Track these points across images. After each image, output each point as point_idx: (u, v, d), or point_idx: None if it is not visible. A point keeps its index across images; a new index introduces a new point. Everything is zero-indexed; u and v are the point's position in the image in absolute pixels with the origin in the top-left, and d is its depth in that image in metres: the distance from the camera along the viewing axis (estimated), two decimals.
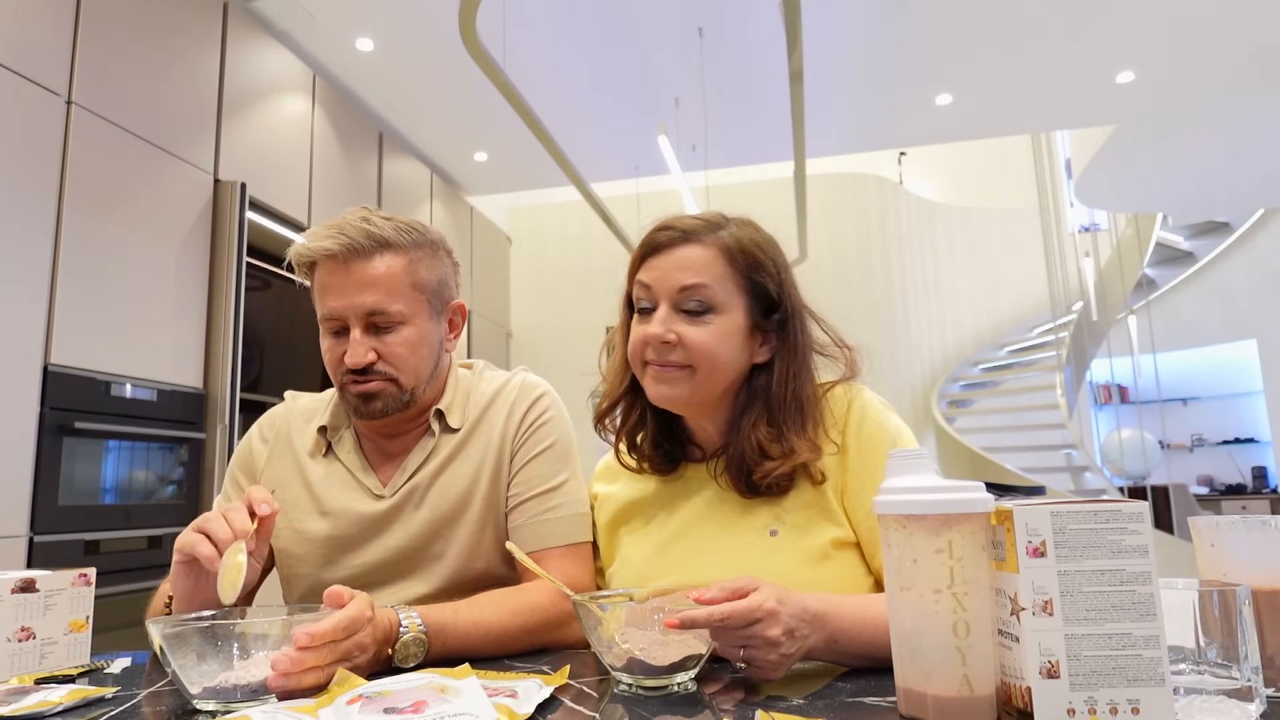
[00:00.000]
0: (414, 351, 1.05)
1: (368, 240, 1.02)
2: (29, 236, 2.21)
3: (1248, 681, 0.59)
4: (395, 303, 1.02)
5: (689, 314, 0.93)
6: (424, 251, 1.07)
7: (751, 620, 0.70)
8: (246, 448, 1.16)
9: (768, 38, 3.73)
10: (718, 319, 0.93)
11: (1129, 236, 7.47)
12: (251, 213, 2.96)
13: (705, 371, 0.93)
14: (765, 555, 0.92)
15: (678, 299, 0.93)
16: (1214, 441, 8.58)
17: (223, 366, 2.77)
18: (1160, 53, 4.08)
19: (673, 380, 0.94)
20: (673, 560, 0.98)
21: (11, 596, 0.85)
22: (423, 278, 1.06)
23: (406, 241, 1.05)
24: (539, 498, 1.07)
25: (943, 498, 0.61)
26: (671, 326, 0.93)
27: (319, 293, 1.05)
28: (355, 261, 1.02)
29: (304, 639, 0.70)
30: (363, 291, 1.01)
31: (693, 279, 0.92)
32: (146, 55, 2.66)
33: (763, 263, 0.96)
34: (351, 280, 1.02)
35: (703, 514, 0.99)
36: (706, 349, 0.92)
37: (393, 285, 1.03)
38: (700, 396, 0.96)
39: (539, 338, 6.40)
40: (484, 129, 4.59)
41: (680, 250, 0.94)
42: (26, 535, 2.14)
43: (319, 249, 1.01)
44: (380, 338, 1.03)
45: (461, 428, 1.10)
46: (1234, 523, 0.71)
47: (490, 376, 1.17)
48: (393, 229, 1.04)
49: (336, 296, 1.02)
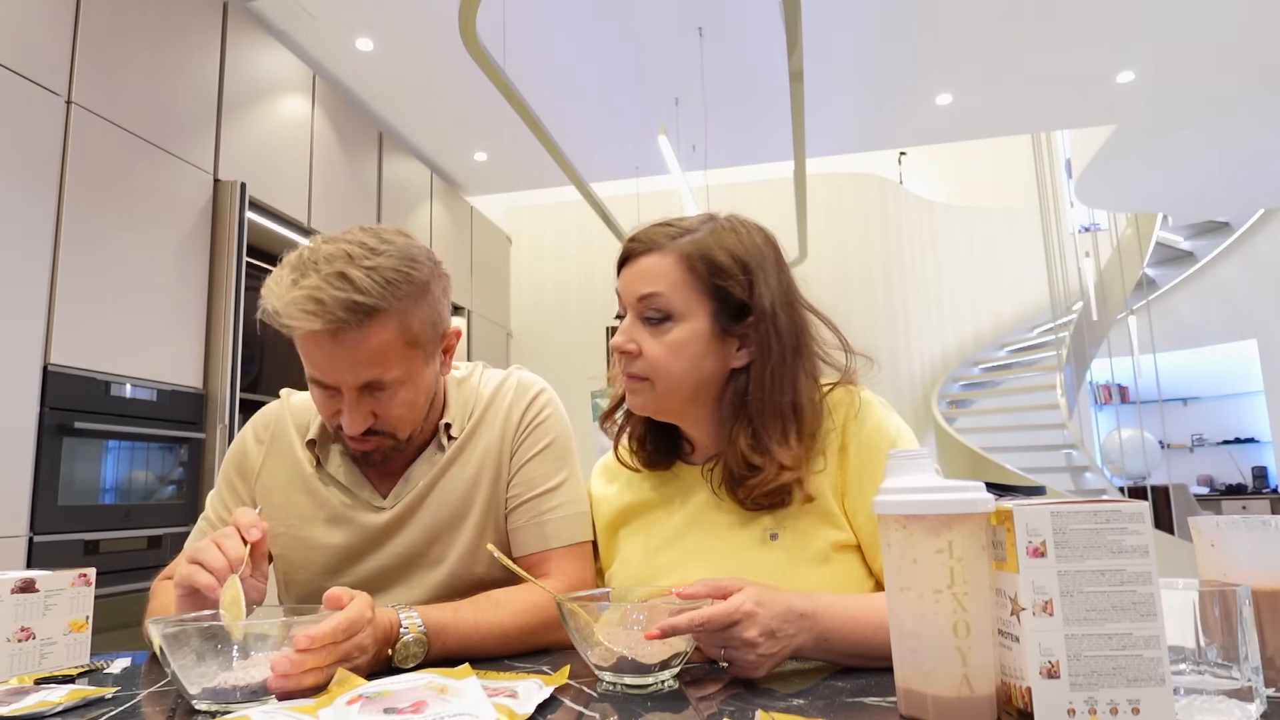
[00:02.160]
0: (413, 408, 1.00)
1: (354, 313, 0.89)
2: (29, 236, 2.21)
3: (1248, 681, 0.59)
4: (391, 370, 0.94)
5: (649, 323, 0.94)
6: (413, 299, 0.95)
7: (729, 623, 0.72)
8: (240, 448, 1.12)
9: (768, 38, 3.73)
10: (677, 327, 0.93)
11: (1129, 236, 7.47)
12: (251, 212, 2.95)
13: (664, 383, 0.94)
14: (765, 559, 0.92)
15: (639, 308, 0.94)
16: (1214, 441, 8.58)
17: (222, 366, 2.77)
18: (1160, 53, 4.08)
19: (636, 391, 0.96)
20: (671, 562, 0.98)
21: (11, 596, 0.85)
22: (416, 331, 0.96)
23: (395, 299, 0.92)
24: (539, 498, 1.06)
25: (943, 498, 0.61)
26: (633, 336, 0.94)
27: (303, 355, 0.95)
28: (344, 335, 0.90)
29: (304, 641, 0.70)
30: (355, 368, 0.93)
31: (648, 288, 0.93)
32: (146, 55, 2.66)
33: (725, 267, 0.94)
34: (340, 356, 0.92)
35: (701, 517, 0.99)
36: (660, 361, 0.93)
37: (386, 354, 0.93)
38: (667, 404, 0.96)
39: (539, 338, 6.40)
40: (484, 129, 4.59)
41: (642, 260, 0.95)
42: (26, 535, 2.14)
43: (299, 328, 0.89)
44: (377, 399, 0.96)
45: (461, 434, 1.08)
46: (1234, 523, 0.71)
47: (487, 377, 1.14)
48: (379, 291, 0.90)
49: (324, 371, 0.94)
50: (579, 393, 5.71)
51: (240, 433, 1.15)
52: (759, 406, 0.93)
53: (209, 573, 0.81)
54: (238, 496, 1.10)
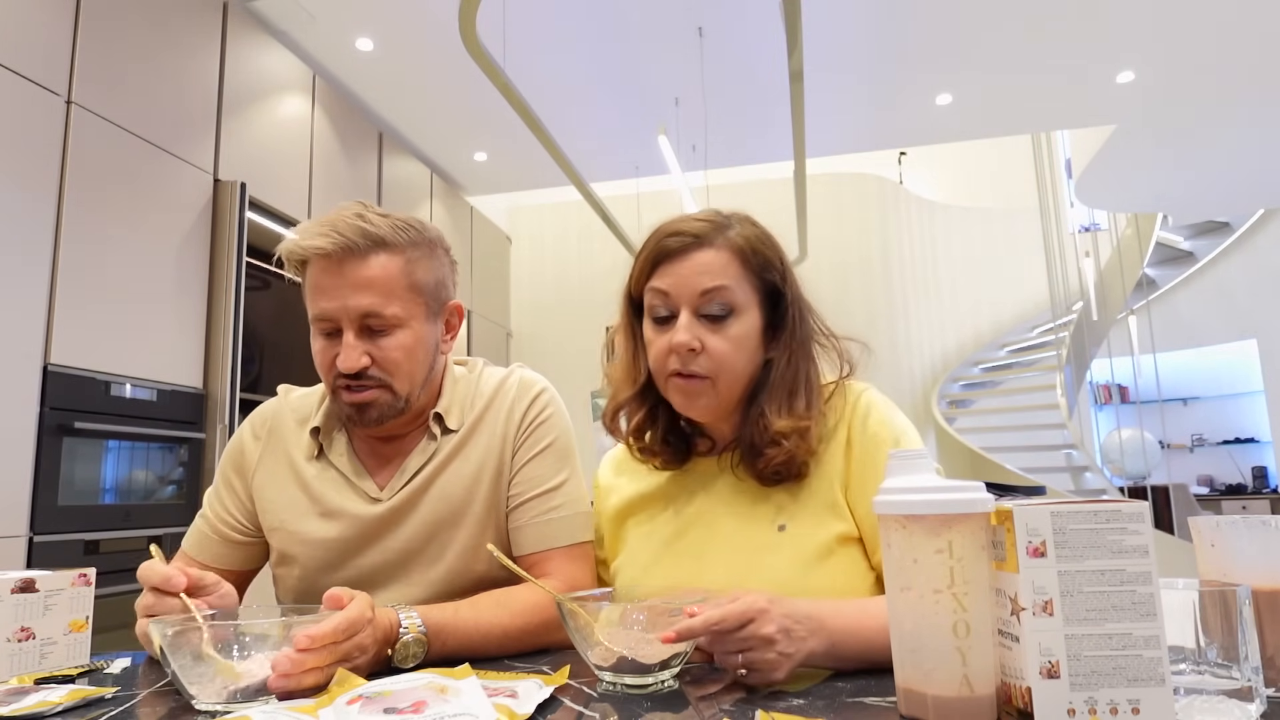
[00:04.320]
0: (410, 356, 1.01)
1: (363, 239, 0.97)
2: (29, 236, 2.21)
3: (1248, 681, 0.59)
4: (391, 305, 0.98)
5: (710, 318, 0.93)
6: (421, 250, 1.03)
7: (745, 621, 0.70)
8: (238, 445, 1.12)
9: (768, 38, 3.73)
10: (737, 321, 0.94)
11: (1129, 236, 7.47)
12: (251, 212, 2.95)
13: (726, 381, 0.94)
14: (771, 550, 0.93)
15: (699, 303, 0.93)
16: (1214, 441, 8.57)
17: (222, 366, 2.77)
18: (1160, 53, 4.08)
19: (696, 393, 0.95)
20: (679, 554, 0.98)
21: (11, 596, 0.85)
22: (420, 278, 1.02)
23: (404, 240, 1.00)
24: (540, 498, 1.06)
25: (943, 498, 0.61)
26: (696, 333, 0.93)
27: (310, 292, 1.00)
28: (350, 261, 0.97)
29: (304, 641, 0.70)
30: (357, 293, 0.97)
31: (713, 281, 0.92)
32: (146, 55, 2.66)
33: (771, 260, 0.97)
34: (345, 281, 0.97)
35: (711, 508, 0.99)
36: (725, 357, 0.93)
37: (389, 287, 0.98)
38: (722, 405, 0.97)
39: (539, 338, 6.40)
40: (484, 129, 4.59)
41: (696, 255, 0.94)
42: (26, 535, 2.14)
43: (311, 247, 0.96)
44: (375, 341, 0.99)
45: (460, 428, 1.08)
46: (1234, 523, 0.71)
47: (489, 375, 1.14)
48: (389, 227, 0.99)
49: (329, 298, 0.98)
50: (579, 393, 5.71)
51: (238, 429, 1.15)
52: (790, 387, 0.95)
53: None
54: (234, 494, 1.10)
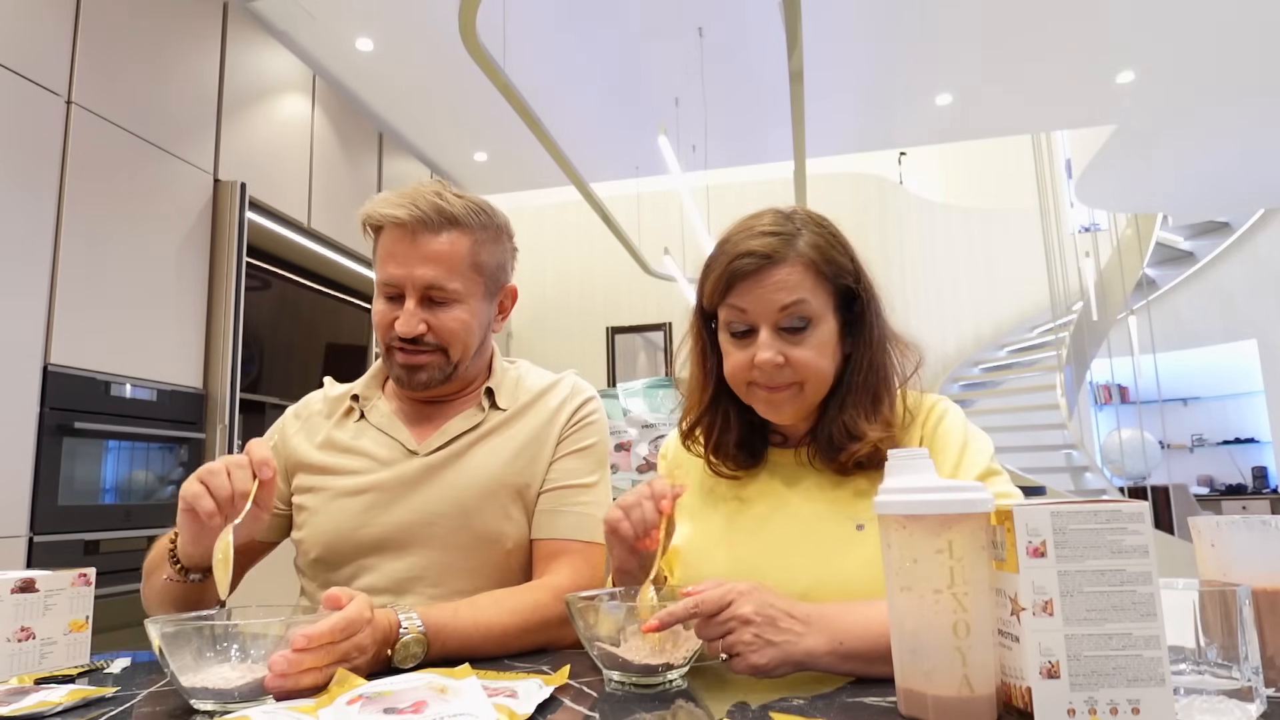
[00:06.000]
0: (464, 329, 1.07)
1: (437, 215, 1.03)
2: (29, 236, 2.21)
3: (1248, 681, 0.59)
4: (454, 280, 1.05)
5: (789, 331, 0.95)
6: (489, 234, 1.09)
7: (724, 605, 0.72)
8: (279, 426, 1.19)
9: (768, 38, 3.72)
10: (815, 331, 0.95)
11: (1129, 236, 7.46)
12: (251, 213, 2.95)
13: (813, 385, 0.96)
14: (851, 548, 0.92)
15: (778, 319, 0.95)
16: (1214, 441, 8.58)
17: (222, 366, 2.77)
18: (1160, 53, 4.08)
19: (784, 401, 0.96)
20: (755, 542, 0.97)
21: (11, 596, 0.85)
22: (484, 260, 1.09)
23: (474, 222, 1.07)
24: (572, 489, 1.10)
25: (943, 498, 0.61)
26: (778, 349, 0.95)
27: (381, 258, 1.07)
28: (422, 234, 1.04)
29: (300, 641, 0.70)
30: (424, 265, 1.03)
31: (790, 297, 0.94)
32: (146, 55, 2.66)
33: (843, 265, 0.98)
34: (415, 252, 1.03)
35: (788, 505, 0.99)
36: (810, 364, 0.94)
37: (454, 263, 1.05)
38: (810, 407, 0.99)
39: (539, 338, 6.40)
40: (484, 129, 4.59)
41: (773, 273, 0.95)
42: (26, 535, 2.14)
43: (389, 215, 1.03)
44: (433, 311, 1.05)
45: (509, 409, 1.13)
46: (1234, 523, 0.71)
47: (539, 373, 1.21)
48: (463, 207, 1.06)
49: (398, 265, 1.04)
50: None
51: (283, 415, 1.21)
52: (865, 390, 0.97)
53: (213, 499, 0.84)
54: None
